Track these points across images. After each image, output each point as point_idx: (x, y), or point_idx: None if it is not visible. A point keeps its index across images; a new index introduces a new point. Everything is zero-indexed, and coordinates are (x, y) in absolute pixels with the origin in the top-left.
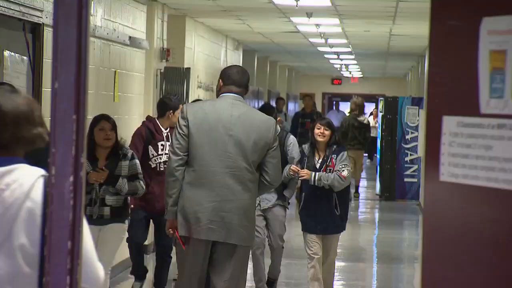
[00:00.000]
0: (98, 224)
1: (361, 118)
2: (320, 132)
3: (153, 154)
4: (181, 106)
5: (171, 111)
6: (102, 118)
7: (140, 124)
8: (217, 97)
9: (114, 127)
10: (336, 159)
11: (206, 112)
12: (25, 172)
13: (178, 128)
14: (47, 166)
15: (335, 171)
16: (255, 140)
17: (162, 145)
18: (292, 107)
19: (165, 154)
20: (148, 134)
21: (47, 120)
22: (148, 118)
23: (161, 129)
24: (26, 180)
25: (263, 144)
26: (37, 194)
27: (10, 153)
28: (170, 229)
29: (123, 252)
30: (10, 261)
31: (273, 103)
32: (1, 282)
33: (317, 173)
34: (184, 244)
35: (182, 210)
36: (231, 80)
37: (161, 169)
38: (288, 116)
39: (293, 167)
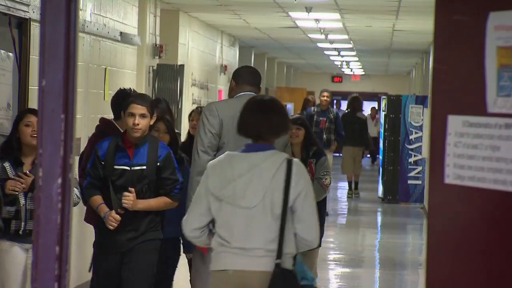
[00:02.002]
0: (27, 242)
1: (358, 115)
2: (292, 132)
3: None
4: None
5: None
6: (28, 112)
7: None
8: (230, 98)
9: None
10: (315, 164)
11: (235, 111)
12: (276, 157)
13: (209, 126)
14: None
15: (316, 178)
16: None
17: None
18: (290, 107)
19: None
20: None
21: (36, 119)
22: (104, 121)
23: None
24: (275, 163)
25: (282, 143)
26: (282, 172)
27: (266, 141)
28: None
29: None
30: (264, 218)
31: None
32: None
33: None
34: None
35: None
36: (245, 80)
37: None
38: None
39: None
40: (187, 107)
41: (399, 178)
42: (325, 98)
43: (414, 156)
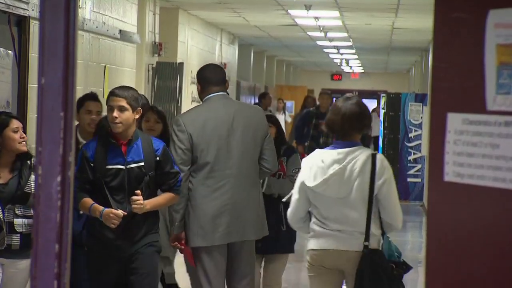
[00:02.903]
0: (5, 257)
1: None
2: None
3: None
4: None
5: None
6: (13, 118)
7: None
8: (201, 102)
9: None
10: (286, 162)
11: (204, 119)
12: (360, 152)
13: (178, 142)
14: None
15: (288, 176)
16: (254, 134)
17: None
18: (290, 105)
19: None
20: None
21: (33, 117)
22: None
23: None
24: (361, 157)
25: (261, 136)
26: (368, 165)
27: (351, 139)
28: (177, 243)
29: None
30: (354, 205)
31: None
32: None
33: (266, 179)
34: (194, 261)
35: (197, 219)
36: (209, 81)
37: None
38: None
39: None
40: (186, 105)
41: (399, 176)
42: (325, 100)
43: (414, 154)
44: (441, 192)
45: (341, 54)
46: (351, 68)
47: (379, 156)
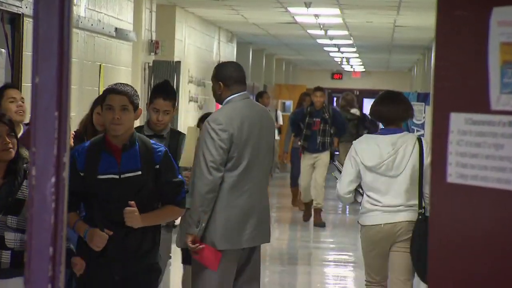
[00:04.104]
0: None
1: (353, 111)
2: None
3: None
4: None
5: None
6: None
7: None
8: (219, 102)
9: (13, 130)
10: None
11: (241, 119)
12: (409, 137)
13: (218, 141)
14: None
15: None
16: (272, 137)
17: None
18: (289, 104)
19: None
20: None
21: (28, 116)
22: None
23: None
24: (411, 141)
25: (273, 138)
26: (416, 148)
27: (398, 126)
28: (197, 244)
29: None
30: (404, 182)
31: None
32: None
33: None
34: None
35: (225, 221)
36: (235, 80)
37: None
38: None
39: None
40: (183, 105)
41: None
42: (318, 98)
43: None
44: (444, 194)
45: (342, 52)
46: (352, 67)
47: (424, 139)
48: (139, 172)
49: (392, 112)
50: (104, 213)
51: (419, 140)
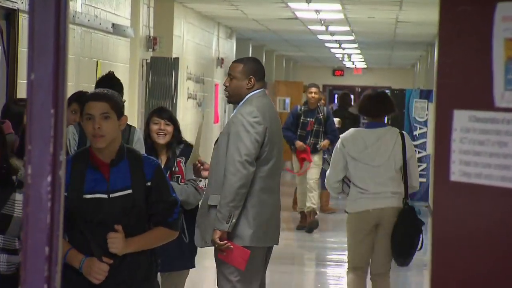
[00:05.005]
0: None
1: (350, 110)
2: (160, 129)
3: None
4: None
5: None
6: None
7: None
8: (237, 99)
9: (2, 140)
10: (185, 163)
11: (269, 114)
12: (392, 131)
13: (255, 134)
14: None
15: (188, 180)
16: (281, 133)
17: None
18: (287, 102)
19: None
20: None
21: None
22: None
23: None
24: (393, 135)
25: (282, 136)
26: (399, 141)
27: (381, 120)
28: (226, 241)
29: None
30: (389, 171)
31: None
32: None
33: None
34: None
35: (258, 217)
36: (263, 75)
37: None
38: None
39: None
40: (182, 102)
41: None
42: (313, 95)
43: (419, 152)
44: (447, 192)
45: (343, 48)
46: (353, 64)
47: (406, 134)
48: (130, 191)
49: (377, 108)
50: (94, 241)
51: (402, 134)
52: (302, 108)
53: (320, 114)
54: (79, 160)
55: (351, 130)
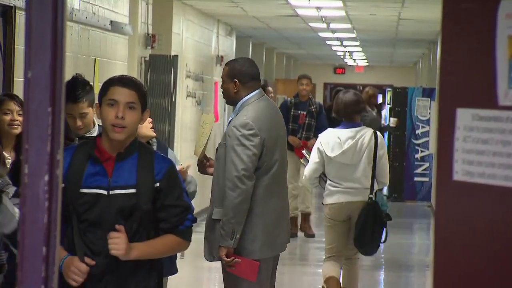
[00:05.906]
0: None
1: None
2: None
3: None
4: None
5: None
6: None
7: None
8: (233, 103)
9: None
10: None
11: (269, 119)
12: (366, 130)
13: (251, 148)
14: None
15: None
16: (285, 132)
17: None
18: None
19: None
20: None
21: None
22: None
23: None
24: (367, 134)
25: (286, 134)
26: (372, 140)
27: (355, 121)
28: (232, 258)
29: None
30: (362, 168)
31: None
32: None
33: None
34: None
35: (264, 228)
36: (251, 76)
37: None
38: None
39: None
40: (181, 100)
41: (405, 175)
42: (304, 86)
43: (421, 151)
44: (449, 192)
45: (345, 46)
46: (355, 61)
47: (379, 134)
48: (133, 190)
49: (351, 110)
50: (81, 239)
51: (375, 133)
52: (293, 100)
53: (312, 107)
54: (82, 150)
55: (328, 130)
